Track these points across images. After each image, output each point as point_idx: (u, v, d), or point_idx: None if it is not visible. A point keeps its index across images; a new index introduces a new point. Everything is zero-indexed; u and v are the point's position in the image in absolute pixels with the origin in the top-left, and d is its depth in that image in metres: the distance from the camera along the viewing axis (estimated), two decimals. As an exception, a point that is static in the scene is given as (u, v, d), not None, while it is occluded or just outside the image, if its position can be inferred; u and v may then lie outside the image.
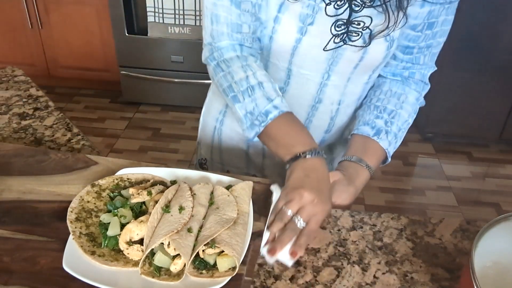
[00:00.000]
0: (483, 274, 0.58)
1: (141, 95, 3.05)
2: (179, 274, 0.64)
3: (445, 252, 0.77)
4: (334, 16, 0.81)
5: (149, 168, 0.81)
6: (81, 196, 0.74)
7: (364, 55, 0.85)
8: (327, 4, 0.80)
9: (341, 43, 0.83)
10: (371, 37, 0.82)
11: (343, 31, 0.82)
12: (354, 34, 0.82)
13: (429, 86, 0.99)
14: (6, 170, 0.85)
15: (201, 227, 0.69)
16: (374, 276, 0.72)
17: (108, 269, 0.65)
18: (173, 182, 0.78)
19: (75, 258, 0.65)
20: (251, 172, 1.08)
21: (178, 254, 0.64)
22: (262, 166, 1.08)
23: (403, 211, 2.37)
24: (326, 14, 0.81)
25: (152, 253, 0.66)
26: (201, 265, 0.66)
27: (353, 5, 0.80)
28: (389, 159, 0.93)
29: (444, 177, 2.61)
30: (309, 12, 0.81)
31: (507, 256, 0.61)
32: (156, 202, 0.70)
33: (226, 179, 0.81)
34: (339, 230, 0.80)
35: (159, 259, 0.65)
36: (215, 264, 0.65)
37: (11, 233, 0.72)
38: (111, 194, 0.75)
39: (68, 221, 0.69)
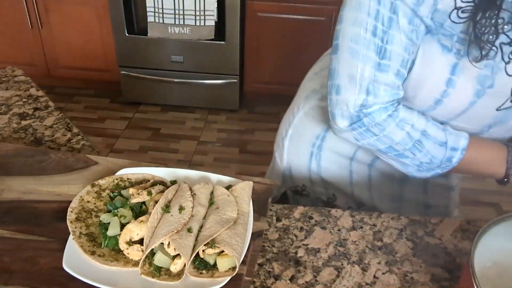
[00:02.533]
0: (483, 274, 0.58)
1: (141, 95, 3.05)
2: (179, 274, 0.64)
3: (445, 252, 0.77)
4: None
5: (149, 168, 0.81)
6: (81, 196, 0.74)
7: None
8: (506, 63, 0.70)
9: None
10: None
11: None
12: None
13: None
14: (6, 170, 0.85)
15: (201, 227, 0.69)
16: (374, 276, 0.72)
17: (108, 269, 0.65)
18: (173, 182, 0.78)
19: (75, 258, 0.65)
20: (356, 192, 1.00)
21: (178, 254, 0.64)
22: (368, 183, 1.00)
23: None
24: (507, 73, 0.71)
25: (152, 253, 0.66)
26: (201, 265, 0.66)
27: None
28: None
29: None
30: (488, 73, 0.71)
31: (507, 256, 0.61)
32: (156, 202, 0.70)
33: (226, 179, 0.81)
34: (339, 230, 0.80)
35: (159, 259, 0.65)
36: (215, 264, 0.65)
37: (11, 233, 0.72)
38: (111, 194, 0.75)
39: (68, 221, 0.69)
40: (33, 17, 2.86)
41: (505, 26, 0.67)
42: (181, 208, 0.69)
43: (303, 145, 0.99)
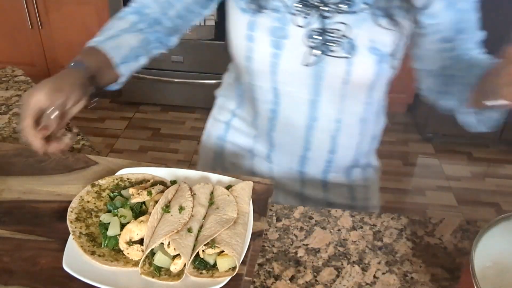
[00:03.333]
0: (483, 274, 0.58)
1: (141, 95, 3.05)
2: (179, 274, 0.64)
3: (445, 252, 0.77)
4: (307, 26, 0.78)
5: (149, 168, 0.81)
6: (81, 196, 0.74)
7: (349, 68, 0.79)
8: (293, 15, 0.78)
9: (321, 55, 0.79)
10: (352, 46, 0.77)
11: (320, 41, 0.78)
12: (332, 44, 0.78)
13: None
14: (6, 170, 0.85)
15: (201, 227, 0.69)
16: (374, 276, 0.72)
17: (108, 269, 0.65)
18: (173, 182, 0.78)
19: (75, 258, 0.65)
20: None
21: (178, 254, 0.64)
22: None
23: (403, 211, 2.37)
24: (298, 25, 0.78)
25: (152, 253, 0.66)
26: (201, 265, 0.66)
27: (323, 13, 0.76)
28: None
29: (444, 177, 2.61)
30: (279, 25, 0.79)
31: (507, 256, 0.61)
32: (156, 202, 0.70)
33: (226, 179, 0.81)
34: (339, 230, 0.80)
35: (159, 259, 0.65)
36: (215, 264, 0.65)
37: (11, 233, 0.72)
38: (111, 194, 0.75)
39: (68, 221, 0.69)
40: (33, 17, 2.86)
41: None
42: (181, 208, 0.69)
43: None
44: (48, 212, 0.76)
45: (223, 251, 0.65)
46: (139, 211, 0.71)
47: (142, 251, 0.66)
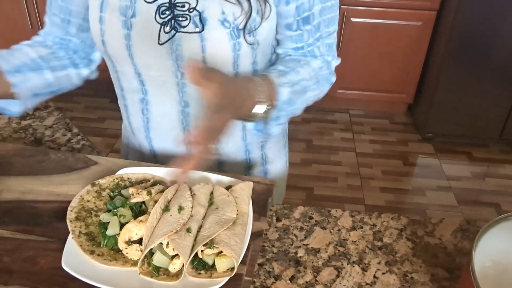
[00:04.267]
0: (483, 274, 0.58)
1: (141, 95, 3.05)
2: (177, 274, 0.64)
3: (445, 252, 0.77)
4: (154, 1, 0.75)
5: (149, 168, 0.81)
6: (81, 196, 0.74)
7: (204, 43, 0.76)
8: None
9: (173, 31, 0.76)
10: (202, 20, 0.75)
11: (169, 17, 0.76)
12: (182, 19, 0.75)
13: (335, 77, 0.89)
14: (6, 170, 0.85)
15: (200, 227, 0.69)
16: (374, 276, 0.72)
17: (107, 269, 0.65)
18: (173, 182, 0.78)
19: (74, 257, 0.65)
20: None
21: (177, 254, 0.64)
22: None
23: (403, 211, 2.37)
24: (145, 0, 0.76)
25: (151, 253, 0.66)
26: (200, 265, 0.65)
27: None
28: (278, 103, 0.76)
29: (444, 177, 2.61)
30: (128, 3, 0.76)
31: (507, 256, 0.61)
32: (156, 202, 0.70)
33: (226, 179, 0.81)
34: (339, 230, 0.80)
35: (158, 259, 0.65)
36: (213, 264, 0.65)
37: (11, 233, 0.72)
38: (111, 193, 0.75)
39: (67, 220, 0.69)
40: (33, 17, 2.86)
41: None
42: (180, 208, 0.69)
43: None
44: (48, 212, 0.76)
45: (221, 252, 0.65)
46: (139, 211, 0.71)
47: (141, 250, 0.66)
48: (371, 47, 2.80)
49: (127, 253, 0.66)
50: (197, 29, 0.75)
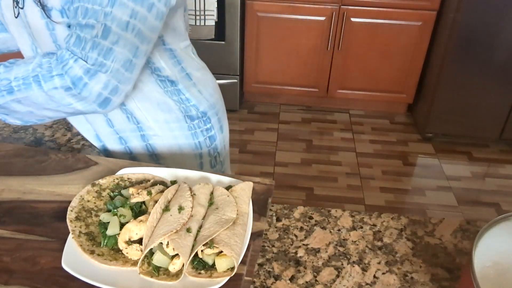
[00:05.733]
0: (483, 274, 0.58)
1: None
2: (177, 274, 0.64)
3: (445, 252, 0.77)
4: None
5: (149, 168, 0.81)
6: (81, 195, 0.74)
7: (26, 19, 0.82)
8: None
9: (17, 6, 0.81)
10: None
11: None
12: None
13: (64, 78, 0.75)
14: (6, 170, 0.85)
15: (200, 227, 0.69)
16: (374, 276, 0.72)
17: (107, 269, 0.65)
18: (173, 182, 0.78)
19: (74, 257, 0.65)
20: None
21: (177, 254, 0.64)
22: None
23: (403, 211, 2.37)
24: None
25: (151, 253, 0.66)
26: (200, 265, 0.65)
27: None
28: None
29: (444, 177, 2.61)
30: None
31: (507, 256, 0.61)
32: (156, 202, 0.70)
33: (226, 179, 0.81)
34: (339, 230, 0.80)
35: (158, 259, 0.65)
36: (213, 264, 0.65)
37: (11, 233, 0.72)
38: (111, 193, 0.75)
39: (68, 220, 0.69)
40: None
41: None
42: (180, 208, 0.69)
43: None
44: (48, 212, 0.76)
45: (221, 252, 0.65)
46: (139, 211, 0.71)
47: (141, 250, 0.66)
48: (371, 47, 2.80)
49: (127, 253, 0.66)
50: (20, 6, 0.81)
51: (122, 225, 0.68)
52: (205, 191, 0.75)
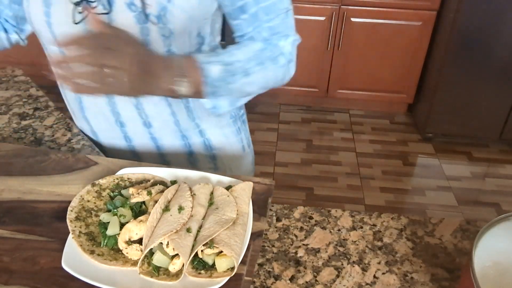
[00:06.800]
0: (483, 274, 0.58)
1: (141, 95, 3.05)
2: (177, 274, 0.64)
3: (445, 252, 0.77)
4: None
5: (149, 168, 0.81)
6: (81, 195, 0.74)
7: (112, 25, 0.79)
8: None
9: (86, 12, 0.79)
10: (111, 2, 0.77)
11: None
12: (92, 0, 0.78)
13: (290, 60, 0.88)
14: (6, 170, 0.85)
15: (200, 227, 0.69)
16: (374, 276, 0.72)
17: (107, 269, 0.65)
18: (173, 182, 0.78)
19: (74, 257, 0.65)
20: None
21: (177, 254, 0.64)
22: None
23: (403, 211, 2.37)
24: None
25: (151, 253, 0.66)
26: (200, 265, 0.66)
27: None
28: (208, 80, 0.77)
29: (444, 177, 2.61)
30: None
31: (507, 256, 0.61)
32: (156, 202, 0.70)
33: (226, 179, 0.81)
34: (339, 230, 0.80)
35: (158, 259, 0.65)
36: (213, 264, 0.65)
37: (11, 233, 0.72)
38: (111, 193, 0.75)
39: (68, 220, 0.69)
40: (33, 17, 2.85)
41: None
42: (180, 208, 0.69)
43: None
44: (48, 212, 0.76)
45: (221, 252, 0.65)
46: (139, 211, 0.71)
47: (141, 250, 0.66)
48: (371, 47, 2.80)
49: (127, 253, 0.67)
50: (105, 11, 0.78)
51: (122, 225, 0.68)
52: (205, 191, 0.75)
